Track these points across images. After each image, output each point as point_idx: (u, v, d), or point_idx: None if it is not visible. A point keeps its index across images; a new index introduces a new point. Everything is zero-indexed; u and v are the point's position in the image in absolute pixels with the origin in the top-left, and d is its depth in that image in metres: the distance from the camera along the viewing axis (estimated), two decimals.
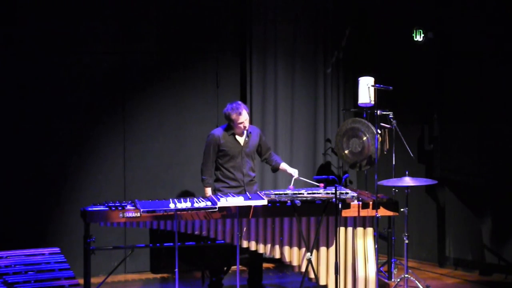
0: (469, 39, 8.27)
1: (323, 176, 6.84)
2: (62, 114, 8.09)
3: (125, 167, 8.32)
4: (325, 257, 7.09)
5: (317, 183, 7.12)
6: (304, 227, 7.04)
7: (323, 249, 7.08)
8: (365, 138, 8.02)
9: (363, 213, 7.05)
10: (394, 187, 7.76)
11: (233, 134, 7.43)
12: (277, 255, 7.05)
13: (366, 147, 8.02)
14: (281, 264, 8.19)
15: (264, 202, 6.78)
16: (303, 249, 7.04)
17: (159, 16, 8.37)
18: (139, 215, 6.67)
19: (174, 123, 8.48)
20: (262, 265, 7.74)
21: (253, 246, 6.99)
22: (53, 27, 8.00)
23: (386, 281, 7.60)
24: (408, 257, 7.52)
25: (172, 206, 6.53)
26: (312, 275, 7.07)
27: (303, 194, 7.02)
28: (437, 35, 8.42)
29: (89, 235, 6.71)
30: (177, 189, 8.46)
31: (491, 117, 8.16)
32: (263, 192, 7.07)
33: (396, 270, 7.93)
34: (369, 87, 7.54)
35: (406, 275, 7.43)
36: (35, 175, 8.02)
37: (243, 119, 7.36)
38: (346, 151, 8.18)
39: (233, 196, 6.79)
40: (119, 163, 8.31)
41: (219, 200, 6.68)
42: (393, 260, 7.67)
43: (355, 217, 7.07)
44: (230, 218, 6.85)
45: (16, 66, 7.92)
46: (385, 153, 7.98)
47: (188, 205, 6.59)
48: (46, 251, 6.08)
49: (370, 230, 7.10)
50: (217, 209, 6.65)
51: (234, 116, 7.34)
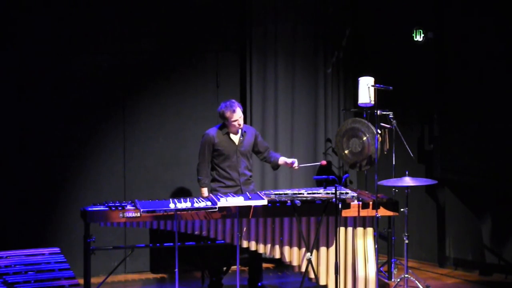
0: (469, 39, 8.27)
1: (323, 176, 6.84)
2: (62, 114, 8.09)
3: (125, 167, 8.32)
4: (325, 257, 7.08)
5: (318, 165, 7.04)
6: (304, 227, 7.03)
7: (323, 249, 7.08)
8: (365, 138, 8.01)
9: (363, 213, 7.04)
10: (394, 187, 7.76)
11: (228, 134, 7.43)
12: (277, 255, 7.05)
13: (366, 147, 8.01)
14: (281, 264, 8.18)
15: (264, 202, 6.77)
16: (303, 249, 7.04)
17: (159, 16, 8.37)
18: (139, 215, 6.67)
19: (174, 123, 8.48)
20: (261, 265, 7.74)
21: (253, 246, 6.99)
22: (53, 27, 7.99)
23: (386, 281, 7.60)
24: (408, 257, 7.51)
25: (172, 206, 6.53)
26: (312, 275, 7.07)
27: (303, 194, 7.02)
28: (437, 35, 8.42)
29: (89, 235, 6.72)
30: (177, 189, 8.46)
31: (491, 117, 8.15)
32: (263, 192, 7.07)
33: (396, 270, 7.93)
34: (369, 87, 7.53)
35: (406, 275, 7.43)
36: (35, 175, 8.01)
37: (237, 116, 7.35)
38: (346, 151, 8.18)
39: (233, 196, 6.79)
40: (119, 163, 8.30)
41: (219, 200, 6.67)
42: (393, 260, 7.67)
43: (355, 217, 7.06)
44: (230, 218, 6.85)
45: (16, 66, 7.92)
46: (385, 153, 7.98)
47: (188, 205, 6.59)
48: (46, 251, 6.08)
49: (370, 230, 7.10)
50: (217, 209, 6.65)
51: (229, 113, 7.33)
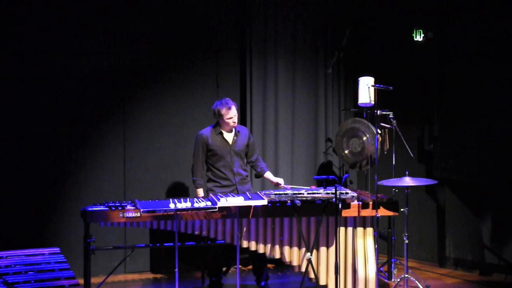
0: (469, 39, 8.27)
1: (323, 176, 6.84)
2: (62, 114, 8.09)
3: (125, 167, 8.32)
4: (325, 257, 7.08)
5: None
6: (304, 227, 7.03)
7: (323, 249, 7.07)
8: (365, 138, 8.01)
9: (363, 213, 7.04)
10: (394, 187, 7.76)
11: (221, 133, 7.42)
12: (277, 255, 7.05)
13: (366, 147, 8.01)
14: (281, 264, 8.18)
15: (264, 202, 6.77)
16: (303, 249, 7.04)
17: (159, 16, 8.37)
18: (139, 215, 6.67)
19: (174, 123, 8.48)
20: (266, 265, 7.74)
21: (253, 246, 6.99)
22: (53, 27, 7.99)
23: (386, 281, 7.60)
24: (408, 257, 7.51)
25: (172, 206, 6.53)
26: (312, 275, 7.07)
27: (303, 194, 7.02)
28: (437, 35, 8.42)
29: (89, 235, 6.72)
30: (177, 189, 8.46)
31: (491, 117, 8.16)
32: (263, 192, 7.06)
33: (396, 270, 7.93)
34: (369, 87, 7.53)
35: (406, 275, 7.42)
36: (35, 175, 8.01)
37: (232, 114, 7.35)
38: (346, 151, 8.18)
39: (233, 196, 6.79)
40: (119, 163, 8.30)
41: (219, 200, 6.67)
42: (393, 260, 7.67)
43: (355, 217, 7.06)
44: (230, 218, 6.85)
45: (16, 66, 7.92)
46: (385, 153, 7.98)
47: (188, 205, 6.59)
48: (46, 251, 6.08)
49: (370, 230, 7.10)
50: (217, 209, 6.65)
51: (224, 110, 7.33)
